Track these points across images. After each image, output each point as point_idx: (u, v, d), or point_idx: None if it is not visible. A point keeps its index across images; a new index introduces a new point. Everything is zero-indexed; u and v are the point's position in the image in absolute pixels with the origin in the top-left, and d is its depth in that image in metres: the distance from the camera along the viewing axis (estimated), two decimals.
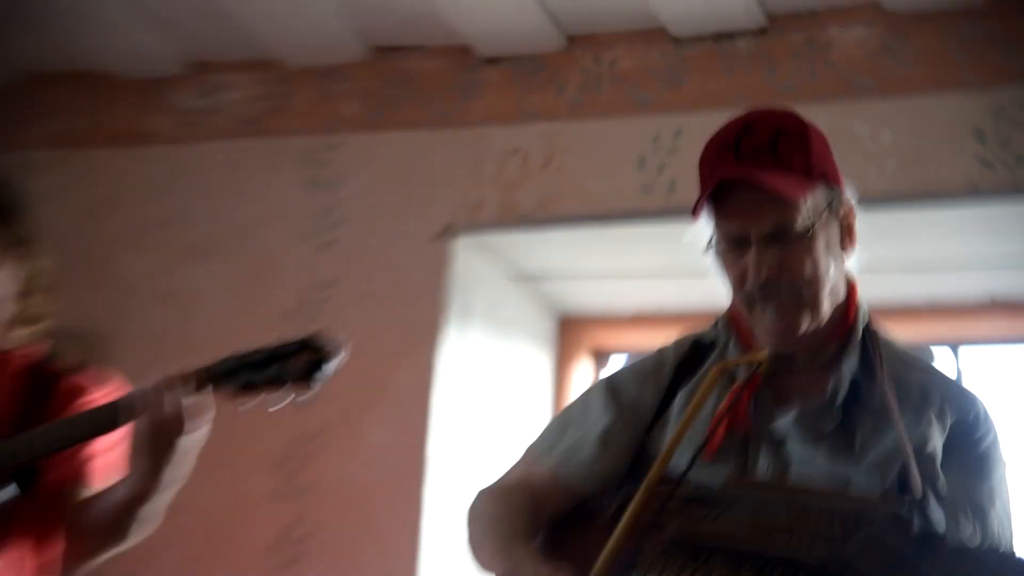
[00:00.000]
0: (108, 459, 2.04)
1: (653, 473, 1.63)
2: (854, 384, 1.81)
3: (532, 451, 1.97)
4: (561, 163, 3.61)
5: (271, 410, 1.86)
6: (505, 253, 3.80)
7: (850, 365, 1.82)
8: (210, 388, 1.87)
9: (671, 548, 1.62)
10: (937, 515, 1.57)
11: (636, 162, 3.52)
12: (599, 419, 1.91)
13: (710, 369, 1.78)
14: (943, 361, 1.93)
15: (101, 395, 2.09)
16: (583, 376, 4.13)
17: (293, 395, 1.87)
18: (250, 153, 3.91)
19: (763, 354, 1.76)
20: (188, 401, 1.86)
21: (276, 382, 1.85)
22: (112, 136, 4.01)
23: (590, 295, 4.01)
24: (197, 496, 3.51)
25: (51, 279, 2.13)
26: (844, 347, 1.84)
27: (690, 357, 1.94)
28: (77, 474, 2.01)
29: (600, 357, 4.17)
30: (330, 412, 3.61)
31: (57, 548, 1.99)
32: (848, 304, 1.87)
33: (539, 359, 4.06)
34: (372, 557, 3.47)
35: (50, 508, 1.98)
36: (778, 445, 1.78)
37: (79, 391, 2.08)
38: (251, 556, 3.53)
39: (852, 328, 1.86)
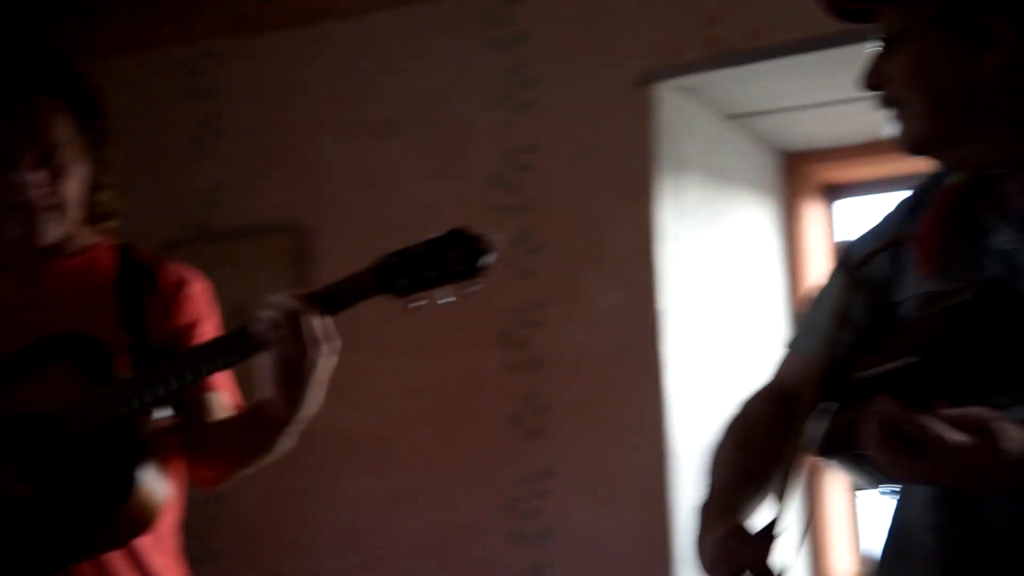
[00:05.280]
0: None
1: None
2: None
3: (787, 341, 2.03)
4: None
5: (440, 302, 1.90)
6: (714, 93, 3.79)
7: None
8: (375, 291, 1.91)
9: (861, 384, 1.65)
10: None
11: None
12: (831, 289, 1.94)
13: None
14: None
15: (201, 285, 2.23)
16: (814, 215, 4.13)
17: (467, 288, 1.90)
18: (429, 17, 3.98)
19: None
20: (325, 324, 1.91)
21: (448, 277, 1.88)
22: (287, 16, 4.13)
23: (814, 127, 3.97)
24: (431, 376, 3.80)
25: (118, 178, 2.26)
26: None
27: (927, 194, 1.93)
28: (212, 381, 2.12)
29: (831, 192, 4.15)
30: (549, 281, 3.75)
31: (202, 461, 2.12)
32: None
33: (764, 202, 4.07)
34: (618, 423, 3.63)
35: (194, 419, 2.11)
36: (1006, 255, 1.73)
37: (182, 281, 2.21)
38: (493, 430, 3.74)
39: None
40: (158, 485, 1.94)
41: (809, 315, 1.99)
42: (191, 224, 4.08)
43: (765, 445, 1.86)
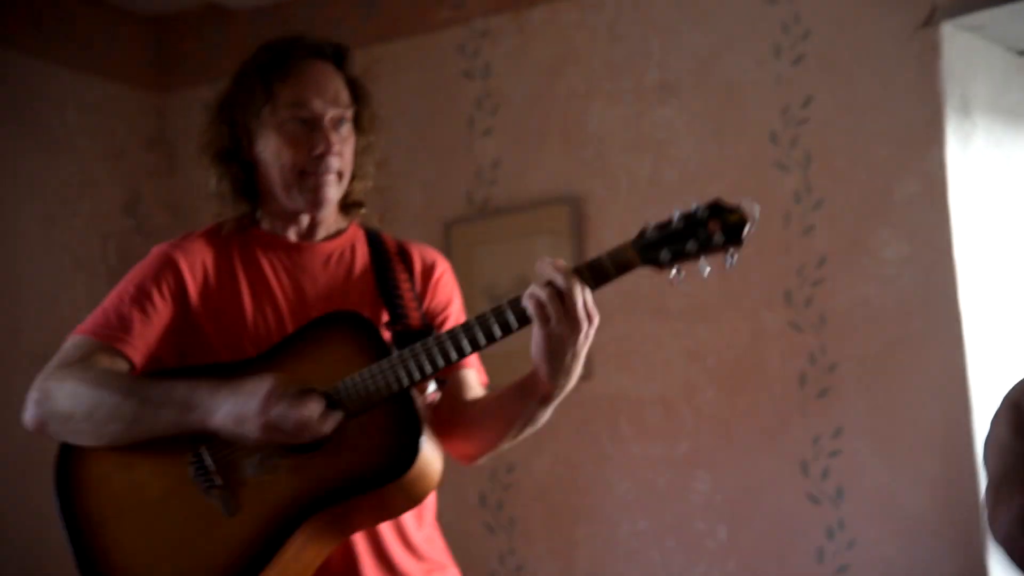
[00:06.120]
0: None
1: None
2: None
3: None
4: None
5: (705, 274, 1.88)
6: (1002, 29, 3.63)
7: None
8: (637, 263, 1.90)
9: None
10: None
11: None
12: None
13: None
14: None
15: (447, 267, 2.25)
16: None
17: (728, 258, 1.88)
18: None
19: None
20: (587, 299, 1.91)
21: (709, 248, 1.87)
22: None
23: None
24: (713, 339, 3.79)
25: (372, 169, 2.25)
26: None
27: None
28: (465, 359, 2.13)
29: None
30: (832, 235, 3.68)
31: (462, 437, 2.15)
32: None
33: None
34: (912, 379, 3.55)
35: (455, 395, 2.14)
36: None
37: (433, 263, 2.23)
38: (780, 390, 3.72)
39: None
40: (434, 457, 1.99)
41: None
42: (474, 200, 4.20)
43: None
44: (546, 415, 2.06)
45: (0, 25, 4.18)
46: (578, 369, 1.98)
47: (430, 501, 2.17)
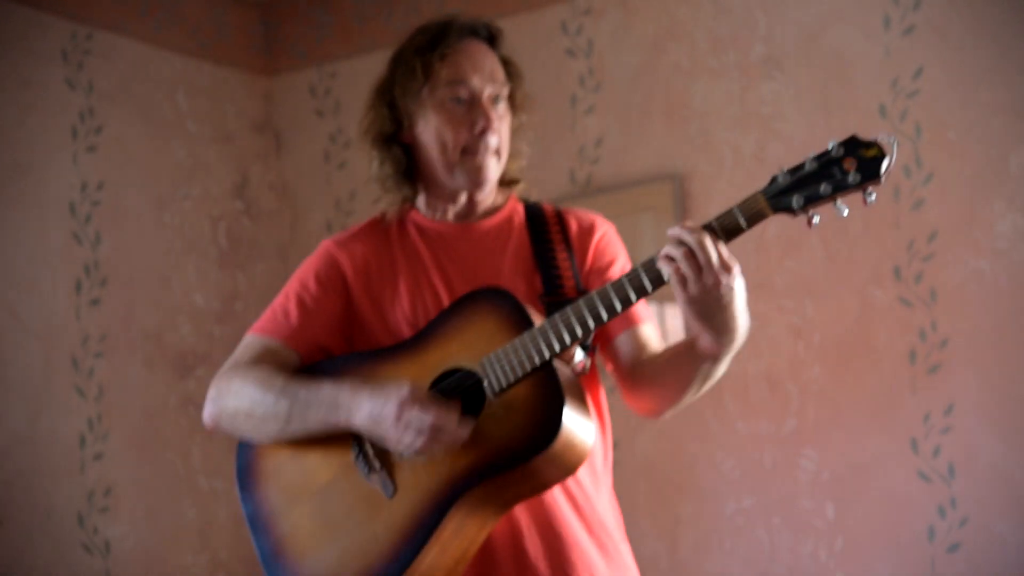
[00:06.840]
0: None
1: None
2: None
3: None
4: None
5: (843, 215, 1.84)
6: None
7: None
8: (769, 211, 1.86)
9: None
10: None
11: None
12: None
13: None
14: None
15: (607, 228, 2.23)
16: None
17: (867, 194, 1.81)
18: None
19: None
20: (723, 251, 1.87)
21: (844, 187, 1.81)
22: None
23: None
24: (819, 315, 3.75)
25: (525, 147, 2.25)
26: None
27: None
28: (624, 319, 2.13)
29: None
30: (943, 210, 3.62)
31: (641, 394, 2.14)
32: None
33: None
34: None
35: (631, 354, 2.13)
36: None
37: (591, 227, 2.21)
38: (889, 367, 3.67)
39: None
40: (582, 427, 1.98)
41: None
42: (577, 178, 4.20)
43: None
44: (722, 368, 2.04)
45: (111, 12, 4.28)
46: (740, 321, 1.94)
47: (603, 470, 2.18)
